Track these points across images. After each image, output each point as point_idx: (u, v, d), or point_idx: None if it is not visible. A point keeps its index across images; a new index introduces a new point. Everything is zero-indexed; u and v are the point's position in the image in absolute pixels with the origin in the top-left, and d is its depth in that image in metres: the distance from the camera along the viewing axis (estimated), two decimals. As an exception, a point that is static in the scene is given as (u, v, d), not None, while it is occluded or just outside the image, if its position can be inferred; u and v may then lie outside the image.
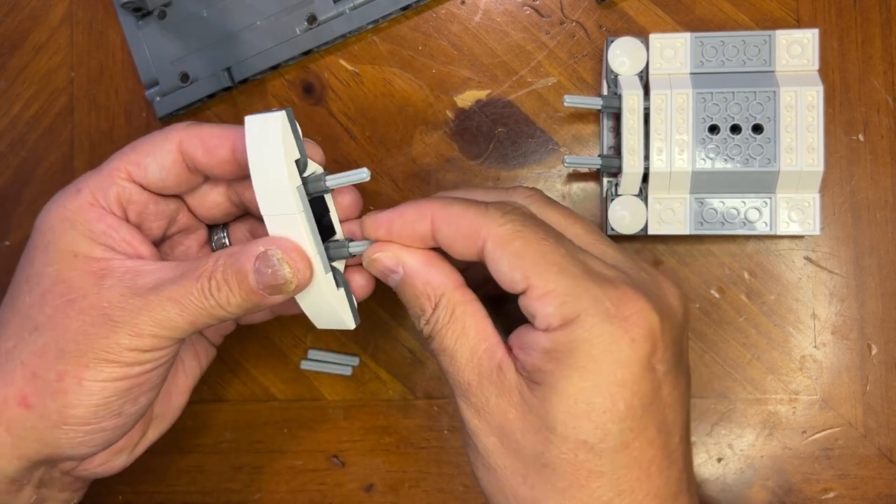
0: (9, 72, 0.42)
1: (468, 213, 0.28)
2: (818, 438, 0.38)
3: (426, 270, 0.29)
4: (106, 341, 0.28)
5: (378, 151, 0.40)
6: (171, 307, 0.28)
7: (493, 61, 0.39)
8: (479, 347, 0.28)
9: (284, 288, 0.29)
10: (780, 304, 0.38)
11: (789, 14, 0.38)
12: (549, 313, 0.26)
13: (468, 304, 0.28)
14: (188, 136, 0.31)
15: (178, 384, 0.35)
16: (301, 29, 0.39)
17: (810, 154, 0.34)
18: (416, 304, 0.29)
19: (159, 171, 0.31)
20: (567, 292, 0.26)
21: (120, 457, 0.33)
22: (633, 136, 0.35)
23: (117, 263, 0.30)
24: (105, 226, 0.30)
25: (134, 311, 0.28)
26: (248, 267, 0.28)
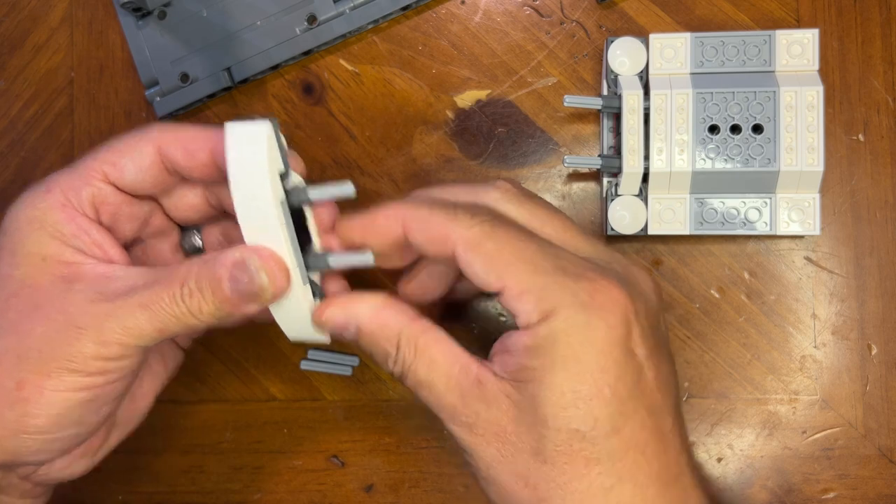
0: (8, 72, 0.42)
1: (436, 217, 0.28)
2: (818, 438, 0.38)
3: (378, 315, 0.29)
4: (69, 349, 0.27)
5: (378, 151, 0.40)
6: (140, 313, 0.27)
7: (493, 61, 0.39)
8: (452, 370, 0.28)
9: (260, 297, 0.28)
10: (781, 304, 0.38)
11: (789, 14, 0.38)
12: (528, 310, 0.27)
13: (428, 333, 0.29)
14: (167, 138, 0.30)
15: (142, 389, 0.33)
16: (301, 29, 0.39)
17: (810, 154, 0.34)
18: (380, 350, 0.29)
19: (136, 173, 0.30)
20: (542, 287, 0.27)
21: (81, 462, 0.32)
22: (633, 136, 0.35)
23: (88, 268, 0.29)
24: (76, 227, 0.29)
25: (101, 316, 0.27)
26: (222, 274, 0.28)
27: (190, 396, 0.41)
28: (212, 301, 0.28)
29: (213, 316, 0.28)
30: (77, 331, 0.27)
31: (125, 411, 0.33)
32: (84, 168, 0.30)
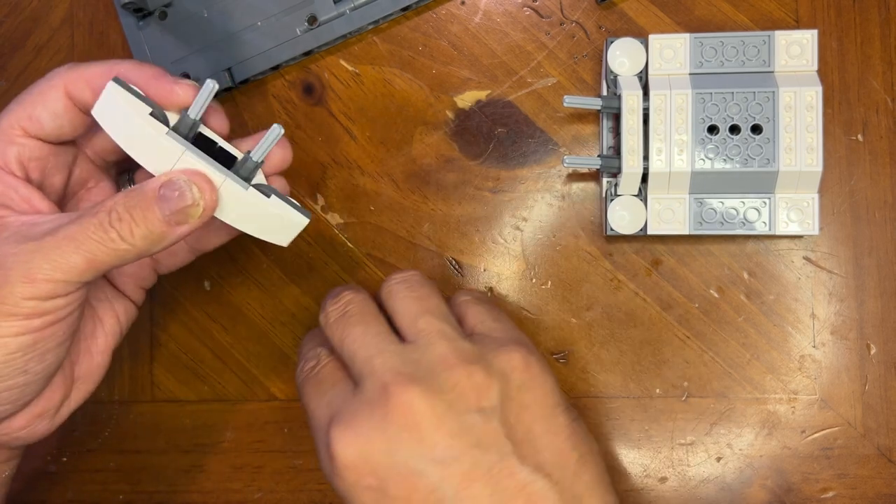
0: (9, 72, 0.42)
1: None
2: (817, 438, 0.38)
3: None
4: (2, 295, 0.27)
5: (378, 151, 0.40)
6: (66, 245, 0.27)
7: (493, 61, 0.40)
8: None
9: (192, 211, 0.28)
10: (780, 303, 0.38)
11: (788, 14, 0.38)
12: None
13: None
14: (73, 79, 0.30)
15: (97, 343, 0.33)
16: (301, 29, 0.39)
17: (809, 154, 0.34)
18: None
19: (53, 120, 0.30)
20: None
21: (42, 421, 0.31)
22: (632, 136, 0.35)
23: (12, 219, 0.29)
24: (3, 186, 0.29)
25: (27, 256, 0.27)
26: (151, 195, 0.28)
27: (190, 396, 0.41)
28: (143, 222, 0.28)
29: (145, 239, 0.28)
30: (5, 273, 0.27)
31: (83, 367, 0.32)
32: (4, 128, 0.30)
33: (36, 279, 0.27)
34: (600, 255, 0.39)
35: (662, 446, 0.38)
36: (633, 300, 0.38)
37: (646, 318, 0.38)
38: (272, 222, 0.31)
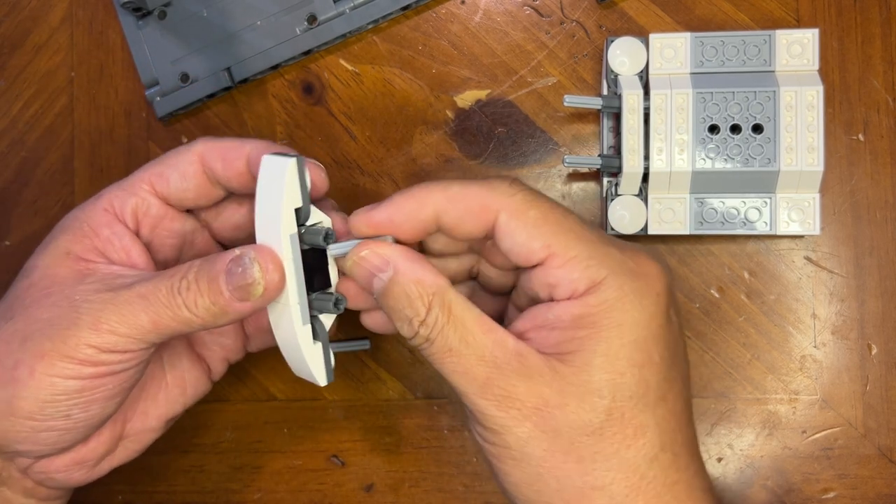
0: (9, 71, 0.42)
1: (473, 190, 0.27)
2: (818, 438, 0.38)
3: (417, 269, 0.28)
4: (66, 333, 0.27)
5: (378, 151, 0.40)
6: (137, 303, 0.27)
7: (493, 61, 0.39)
8: (487, 341, 0.27)
9: (252, 290, 0.28)
10: (780, 303, 0.38)
11: (789, 14, 0.38)
12: (575, 279, 0.26)
13: (462, 302, 0.28)
14: (209, 147, 0.31)
15: (157, 407, 0.33)
16: (301, 29, 0.39)
17: (810, 154, 0.34)
18: (409, 305, 0.27)
19: (180, 181, 0.31)
20: (590, 255, 0.26)
21: (80, 469, 0.31)
22: (633, 135, 0.35)
23: (101, 268, 0.30)
24: (110, 232, 0.31)
25: (100, 304, 0.28)
26: (219, 268, 0.28)
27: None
28: (207, 294, 0.28)
29: (208, 311, 0.28)
30: (77, 316, 0.28)
31: (135, 426, 0.33)
32: (134, 179, 0.32)
33: (101, 328, 0.27)
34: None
35: (663, 446, 0.38)
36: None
37: (646, 318, 0.38)
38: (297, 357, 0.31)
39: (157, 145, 0.41)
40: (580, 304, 0.26)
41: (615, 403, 0.26)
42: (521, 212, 0.27)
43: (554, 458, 0.26)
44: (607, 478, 0.26)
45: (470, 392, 0.27)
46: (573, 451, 0.26)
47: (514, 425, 0.27)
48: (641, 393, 0.26)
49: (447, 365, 0.27)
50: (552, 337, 0.27)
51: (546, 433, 0.26)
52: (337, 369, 0.40)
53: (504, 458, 0.27)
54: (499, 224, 0.27)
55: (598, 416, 0.26)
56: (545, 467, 0.27)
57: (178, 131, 0.41)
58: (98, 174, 0.41)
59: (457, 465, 0.39)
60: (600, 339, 0.26)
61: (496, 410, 0.27)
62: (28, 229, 0.42)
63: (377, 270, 0.28)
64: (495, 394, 0.27)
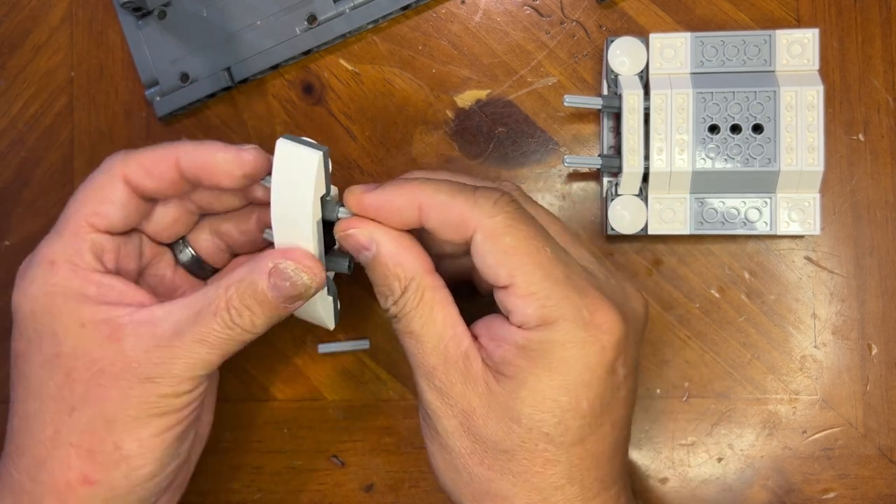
0: (8, 71, 0.42)
1: (457, 201, 0.28)
2: (818, 438, 0.38)
3: (399, 252, 0.29)
4: (151, 398, 0.29)
5: (378, 151, 0.40)
6: (199, 348, 0.29)
7: (493, 61, 0.39)
8: (445, 334, 0.29)
9: (305, 294, 0.29)
10: (781, 303, 0.38)
11: (789, 14, 0.38)
12: (528, 314, 0.27)
13: (437, 291, 0.29)
14: (130, 168, 0.31)
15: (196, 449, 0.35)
16: (301, 29, 0.39)
17: (810, 154, 0.34)
18: (385, 283, 0.29)
19: (119, 211, 0.31)
20: (548, 296, 0.27)
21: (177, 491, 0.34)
22: (633, 135, 0.35)
23: (126, 320, 0.29)
24: (97, 286, 0.30)
25: (165, 362, 0.28)
26: (264, 285, 0.29)
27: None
28: (262, 312, 0.29)
29: (267, 324, 0.30)
30: (150, 382, 0.29)
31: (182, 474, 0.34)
32: (72, 228, 0.30)
33: (181, 380, 0.29)
34: (601, 255, 0.38)
35: (663, 447, 0.38)
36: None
37: (646, 318, 0.38)
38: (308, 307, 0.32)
39: (156, 145, 0.41)
40: (525, 337, 0.28)
41: (530, 434, 0.28)
42: (496, 236, 0.28)
43: (472, 457, 0.28)
44: (511, 491, 0.28)
45: (417, 372, 0.29)
46: (487, 460, 0.28)
47: (443, 417, 0.29)
48: (559, 433, 0.28)
49: (406, 343, 0.29)
50: (497, 354, 0.28)
51: (468, 435, 0.28)
52: (337, 369, 0.40)
53: (433, 441, 0.30)
54: (474, 241, 0.28)
55: (513, 440, 0.28)
56: (462, 462, 0.29)
57: (177, 131, 0.41)
58: (98, 174, 0.41)
59: (457, 465, 0.39)
60: (532, 373, 0.27)
61: (434, 397, 0.29)
62: (28, 229, 0.42)
63: (362, 248, 0.29)
64: (436, 384, 0.29)
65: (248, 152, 0.30)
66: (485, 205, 0.28)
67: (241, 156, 0.30)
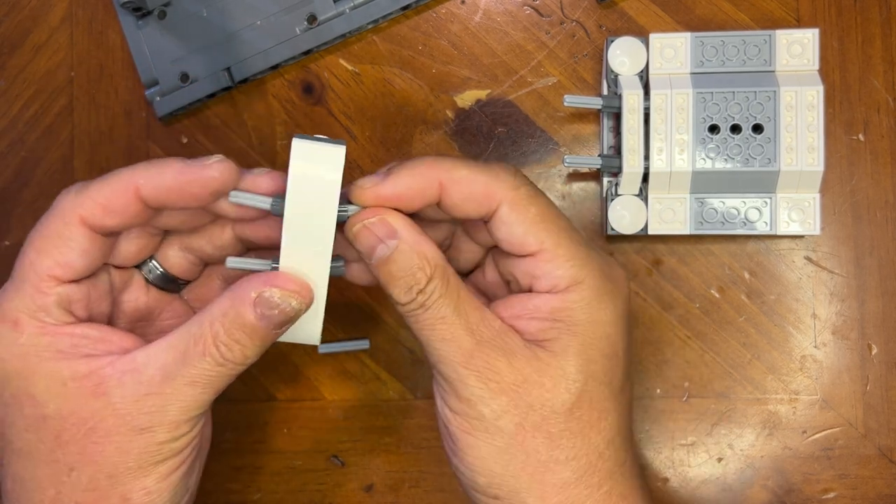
0: (8, 71, 0.42)
1: (479, 176, 0.28)
2: (818, 438, 0.38)
3: (420, 240, 0.28)
4: (150, 448, 0.28)
5: (378, 151, 0.40)
6: (191, 390, 0.28)
7: (493, 61, 0.39)
8: (476, 315, 0.29)
9: (296, 317, 0.29)
10: (781, 303, 0.38)
11: (789, 14, 0.38)
12: (559, 275, 0.28)
13: (458, 278, 0.29)
14: (86, 208, 0.28)
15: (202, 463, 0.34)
16: (301, 29, 0.39)
17: (810, 154, 0.34)
18: (410, 274, 0.28)
19: (81, 258, 0.28)
20: (575, 255, 0.29)
21: None
22: (633, 135, 0.35)
23: (109, 371, 0.28)
24: (70, 339, 0.28)
25: (159, 410, 0.28)
26: (251, 317, 0.28)
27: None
28: (252, 343, 0.28)
29: (260, 352, 0.29)
30: (146, 433, 0.28)
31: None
32: (34, 282, 0.28)
33: (178, 424, 0.28)
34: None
35: (663, 447, 0.38)
36: (633, 300, 0.38)
37: (646, 318, 0.38)
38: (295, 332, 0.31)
39: (156, 145, 0.41)
40: (560, 299, 0.29)
41: (586, 387, 0.28)
42: (523, 206, 0.28)
43: (524, 432, 0.28)
44: (571, 453, 0.28)
45: (453, 360, 0.28)
46: (543, 427, 0.28)
47: (490, 397, 0.28)
48: (608, 381, 0.29)
49: (437, 332, 0.28)
50: (532, 326, 0.29)
51: (519, 408, 0.28)
52: (337, 369, 0.40)
53: (474, 430, 0.29)
54: (499, 214, 0.29)
55: (571, 396, 0.28)
56: (515, 440, 0.28)
57: (177, 131, 0.41)
58: (98, 174, 0.41)
59: (457, 465, 0.39)
60: (577, 331, 0.28)
61: (476, 381, 0.28)
62: (28, 229, 0.41)
63: (386, 238, 0.28)
64: (477, 365, 0.28)
65: (212, 168, 0.28)
66: (507, 178, 0.29)
67: (206, 174, 0.28)
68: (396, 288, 0.28)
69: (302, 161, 0.27)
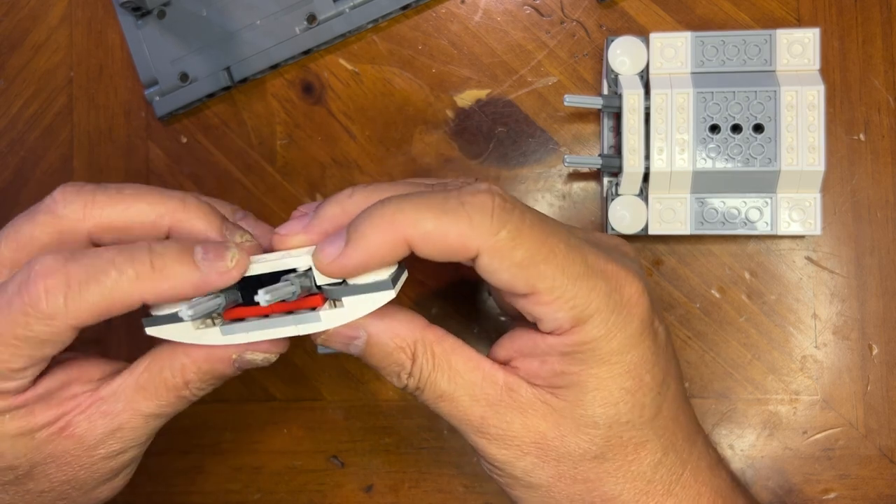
0: (8, 71, 0.42)
1: (450, 228, 0.24)
2: (819, 439, 0.38)
3: (390, 323, 0.27)
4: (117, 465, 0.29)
5: (378, 151, 0.40)
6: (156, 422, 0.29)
7: (493, 61, 0.39)
8: (476, 378, 0.27)
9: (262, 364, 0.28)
10: (781, 304, 0.38)
11: (790, 13, 0.38)
12: (559, 318, 0.25)
13: (444, 341, 0.27)
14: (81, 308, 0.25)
15: None
16: (301, 28, 0.39)
17: (811, 154, 0.34)
18: (392, 361, 0.27)
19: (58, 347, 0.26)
20: (575, 295, 0.25)
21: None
22: (633, 135, 0.35)
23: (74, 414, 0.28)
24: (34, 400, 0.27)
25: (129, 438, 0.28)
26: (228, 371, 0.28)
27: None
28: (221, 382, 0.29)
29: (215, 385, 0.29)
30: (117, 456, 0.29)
31: None
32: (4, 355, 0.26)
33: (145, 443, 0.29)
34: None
35: (663, 447, 0.38)
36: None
37: (647, 319, 0.38)
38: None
39: (156, 145, 0.41)
40: (567, 343, 0.26)
41: (612, 431, 0.27)
42: (505, 253, 0.24)
43: (562, 482, 0.27)
44: (616, 490, 0.27)
45: (468, 432, 0.27)
46: (579, 475, 0.27)
47: (515, 460, 0.27)
48: (637, 415, 0.27)
49: (441, 408, 0.27)
50: (542, 371, 0.27)
51: (548, 462, 0.27)
52: (337, 369, 0.40)
53: (515, 487, 0.28)
54: (480, 262, 0.25)
55: (597, 444, 0.27)
56: (554, 491, 0.27)
57: (177, 131, 0.41)
58: (97, 174, 0.41)
59: (457, 465, 0.39)
60: (591, 374, 0.26)
61: (496, 448, 0.27)
62: (27, 229, 0.42)
63: (350, 339, 0.27)
64: (492, 433, 0.27)
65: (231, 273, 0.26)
66: (482, 222, 0.24)
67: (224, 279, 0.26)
68: (388, 376, 0.28)
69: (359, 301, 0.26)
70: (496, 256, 0.25)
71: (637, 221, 0.36)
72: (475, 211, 0.24)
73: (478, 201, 0.25)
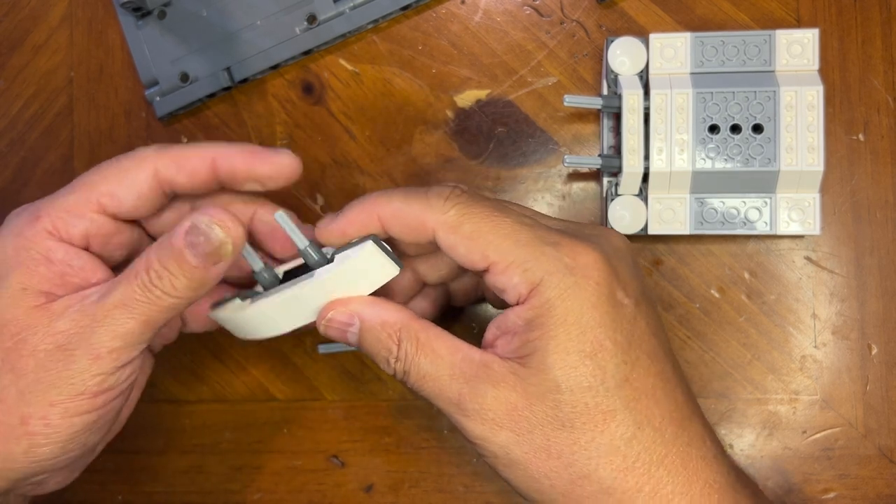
0: (8, 71, 0.42)
1: (412, 207, 0.29)
2: (818, 438, 0.38)
3: (379, 311, 0.29)
4: (67, 374, 0.27)
5: (378, 151, 0.40)
6: (120, 314, 0.27)
7: (493, 61, 0.39)
8: (455, 359, 0.29)
9: (223, 250, 0.28)
10: (781, 303, 0.38)
11: (789, 14, 0.38)
12: (516, 283, 0.28)
13: (428, 329, 0.29)
14: (165, 162, 0.30)
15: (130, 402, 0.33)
16: (301, 28, 0.39)
17: (811, 154, 0.34)
18: (382, 346, 0.29)
19: (135, 200, 0.30)
20: (525, 259, 0.28)
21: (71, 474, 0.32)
22: (633, 135, 0.35)
23: (59, 292, 0.28)
24: (63, 256, 0.29)
25: (86, 332, 0.27)
26: (180, 244, 0.27)
27: (190, 396, 0.41)
28: (180, 273, 0.28)
29: (189, 289, 0.28)
30: (68, 354, 0.27)
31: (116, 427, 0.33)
32: (78, 199, 0.29)
33: (99, 355, 0.27)
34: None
35: (663, 447, 0.38)
36: (633, 300, 0.38)
37: (646, 319, 0.38)
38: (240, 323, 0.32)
39: (156, 145, 0.41)
40: (527, 308, 0.28)
41: (574, 396, 0.27)
42: (455, 227, 0.28)
43: (537, 457, 0.28)
44: (590, 465, 0.28)
45: (450, 411, 0.29)
46: (551, 448, 0.28)
47: (491, 436, 0.28)
48: (599, 380, 0.27)
49: (425, 389, 0.29)
50: (513, 343, 0.28)
51: (522, 436, 0.28)
52: (337, 369, 0.40)
53: (498, 465, 0.29)
54: (438, 240, 0.29)
55: (563, 410, 0.27)
56: (532, 469, 0.28)
57: (177, 131, 0.41)
58: (97, 174, 0.41)
59: (457, 465, 0.39)
60: (549, 337, 0.27)
61: (473, 424, 0.28)
62: (27, 229, 0.42)
63: (347, 326, 0.30)
64: (469, 409, 0.28)
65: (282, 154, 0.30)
66: (436, 203, 0.29)
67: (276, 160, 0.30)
68: (379, 362, 0.30)
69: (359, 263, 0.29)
70: (449, 231, 0.28)
71: (637, 221, 0.36)
72: (433, 195, 0.29)
73: (438, 190, 0.29)
